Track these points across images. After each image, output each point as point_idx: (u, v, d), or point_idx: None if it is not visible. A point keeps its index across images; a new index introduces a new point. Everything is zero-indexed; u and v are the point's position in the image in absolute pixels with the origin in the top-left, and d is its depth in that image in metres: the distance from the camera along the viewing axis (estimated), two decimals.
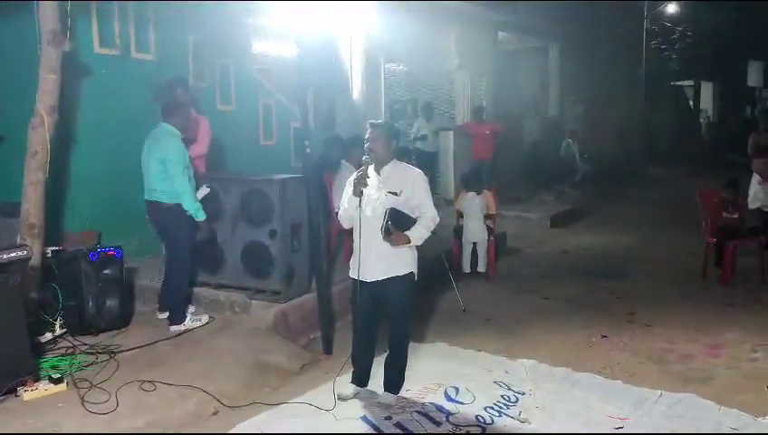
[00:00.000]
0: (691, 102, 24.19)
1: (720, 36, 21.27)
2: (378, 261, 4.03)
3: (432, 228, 4.08)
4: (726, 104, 25.49)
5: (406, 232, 3.97)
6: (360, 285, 4.08)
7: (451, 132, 11.36)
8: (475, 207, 7.54)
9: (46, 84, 4.77)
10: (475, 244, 7.56)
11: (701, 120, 24.88)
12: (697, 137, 23.24)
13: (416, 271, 4.15)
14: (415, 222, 4.02)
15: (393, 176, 4.08)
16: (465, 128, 11.44)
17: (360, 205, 3.99)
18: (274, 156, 8.18)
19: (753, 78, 25.33)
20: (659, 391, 4.41)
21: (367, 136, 4.10)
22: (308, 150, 5.11)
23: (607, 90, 16.44)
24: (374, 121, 4.18)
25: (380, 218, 3.93)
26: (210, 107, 7.19)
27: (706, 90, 25.26)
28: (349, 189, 4.09)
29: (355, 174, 4.06)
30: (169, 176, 4.95)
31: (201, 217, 5.06)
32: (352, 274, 4.15)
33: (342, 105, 9.36)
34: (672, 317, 6.04)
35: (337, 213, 4.85)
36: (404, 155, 7.14)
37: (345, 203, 4.14)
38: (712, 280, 7.20)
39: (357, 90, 9.68)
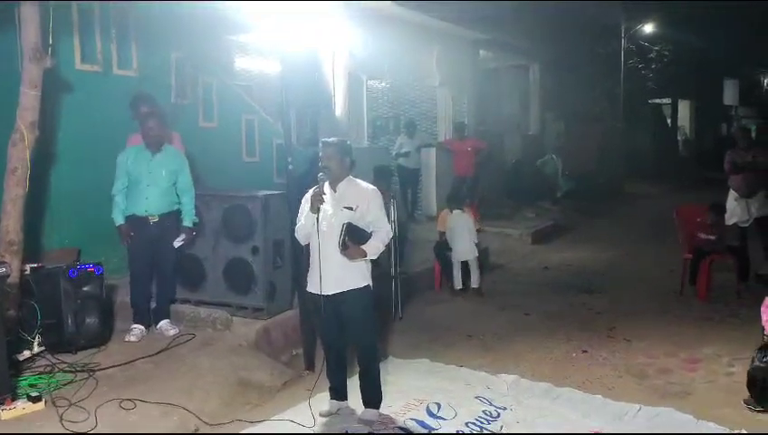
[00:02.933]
0: (669, 120, 24.61)
1: (696, 55, 21.72)
2: (336, 274, 4.10)
3: (387, 242, 4.20)
4: (703, 122, 25.98)
5: (362, 246, 4.05)
6: (321, 299, 4.13)
7: (433, 149, 11.40)
8: (463, 225, 7.52)
9: (27, 100, 4.75)
10: (464, 262, 7.53)
11: (678, 138, 25.31)
12: (675, 154, 23.63)
13: (371, 284, 4.23)
14: (370, 236, 4.10)
15: (348, 192, 4.17)
16: (446, 144, 11.49)
17: (317, 221, 4.06)
18: (257, 172, 8.18)
19: (729, 96, 25.85)
20: (638, 405, 4.45)
21: (321, 154, 4.18)
22: (290, 167, 5.15)
23: (586, 108, 16.68)
24: (327, 140, 4.25)
25: (337, 233, 4.02)
26: (193, 124, 7.19)
27: (684, 108, 25.75)
28: (305, 206, 4.15)
29: (311, 191, 4.13)
30: None
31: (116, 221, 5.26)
32: (311, 288, 4.21)
33: (325, 122, 9.39)
34: (651, 332, 6.11)
35: None
36: (385, 172, 7.21)
37: (302, 219, 4.20)
38: (690, 295, 7.29)
39: (340, 106, 9.73)
